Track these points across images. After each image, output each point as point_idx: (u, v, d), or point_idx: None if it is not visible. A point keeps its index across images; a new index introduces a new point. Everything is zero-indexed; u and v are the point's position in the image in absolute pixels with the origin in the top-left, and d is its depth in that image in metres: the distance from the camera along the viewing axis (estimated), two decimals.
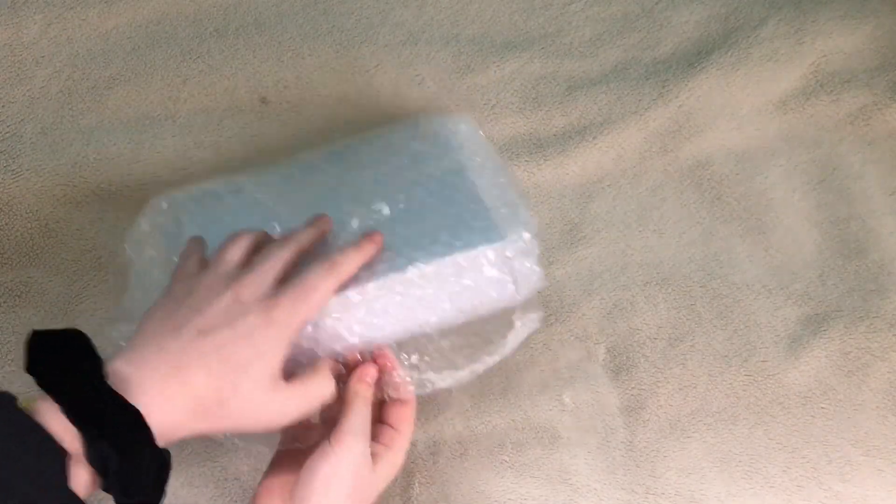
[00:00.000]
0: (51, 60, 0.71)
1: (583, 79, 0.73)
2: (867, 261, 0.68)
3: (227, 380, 0.45)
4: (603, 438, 0.63)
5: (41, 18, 0.72)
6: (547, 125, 0.71)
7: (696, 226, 0.69)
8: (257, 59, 0.72)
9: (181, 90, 0.71)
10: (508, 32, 0.74)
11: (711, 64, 0.72)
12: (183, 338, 0.46)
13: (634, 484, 0.62)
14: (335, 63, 0.72)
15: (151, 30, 0.73)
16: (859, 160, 0.71)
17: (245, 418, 0.47)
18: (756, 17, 0.74)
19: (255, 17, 0.73)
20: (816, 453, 0.63)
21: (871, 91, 0.73)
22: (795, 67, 0.73)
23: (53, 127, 0.69)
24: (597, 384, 0.64)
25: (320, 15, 0.74)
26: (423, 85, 0.72)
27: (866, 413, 0.64)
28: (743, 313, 0.66)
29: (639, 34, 0.74)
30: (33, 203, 0.67)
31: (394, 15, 0.74)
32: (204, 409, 0.45)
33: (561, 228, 0.69)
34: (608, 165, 0.71)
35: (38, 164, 0.67)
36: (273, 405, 0.48)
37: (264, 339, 0.47)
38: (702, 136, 0.71)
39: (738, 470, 0.62)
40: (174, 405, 0.44)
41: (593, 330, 0.66)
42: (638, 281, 0.67)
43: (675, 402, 0.64)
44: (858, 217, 0.70)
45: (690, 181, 0.71)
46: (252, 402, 0.46)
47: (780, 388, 0.64)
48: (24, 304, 0.65)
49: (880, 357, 0.65)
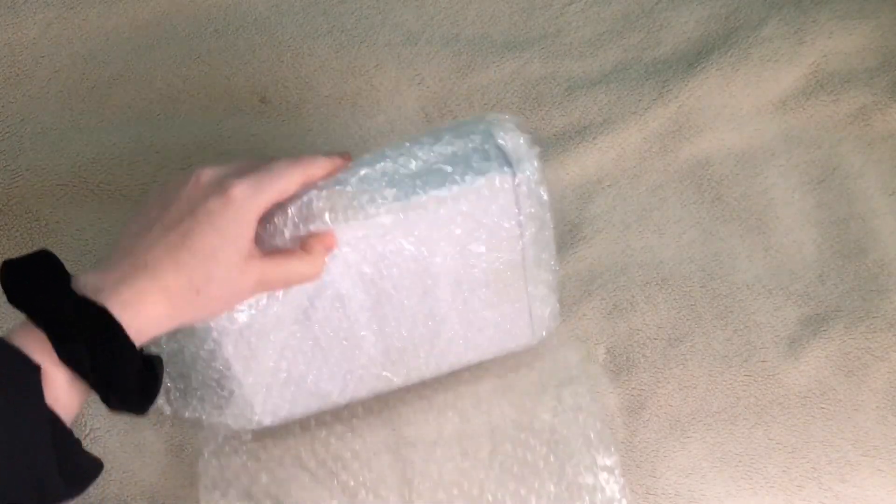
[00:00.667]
0: (51, 60, 0.71)
1: (583, 79, 0.73)
2: (867, 261, 0.68)
3: (198, 270, 0.45)
4: (603, 438, 0.63)
5: (41, 18, 0.72)
6: (547, 125, 0.71)
7: (696, 226, 0.69)
8: (257, 58, 0.72)
9: (181, 90, 0.71)
10: (508, 32, 0.74)
11: (711, 64, 0.72)
12: (151, 235, 0.45)
13: (634, 484, 0.62)
14: (335, 63, 0.72)
15: (151, 30, 0.73)
16: (859, 160, 0.71)
17: (223, 302, 0.47)
18: (756, 17, 0.74)
19: (255, 17, 0.73)
20: (816, 453, 0.63)
21: (871, 91, 0.73)
22: (795, 67, 0.73)
23: (53, 127, 0.69)
24: (597, 384, 0.64)
25: (320, 15, 0.74)
26: (423, 85, 0.72)
27: (866, 413, 0.64)
28: (743, 313, 0.66)
29: (639, 34, 0.74)
30: (33, 203, 0.67)
31: (394, 15, 0.74)
32: (180, 301, 0.45)
33: (561, 228, 0.69)
34: (608, 165, 0.71)
35: (38, 164, 0.67)
36: (247, 284, 0.47)
37: (225, 220, 0.46)
38: (702, 136, 0.71)
39: (738, 470, 0.62)
40: (147, 301, 0.43)
41: (593, 330, 0.66)
42: (638, 281, 0.67)
43: (675, 402, 0.64)
44: (858, 217, 0.70)
45: (690, 181, 0.71)
46: (227, 286, 0.46)
47: (780, 388, 0.64)
48: None
49: (880, 357, 0.65)
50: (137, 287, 0.43)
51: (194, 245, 0.45)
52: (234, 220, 0.46)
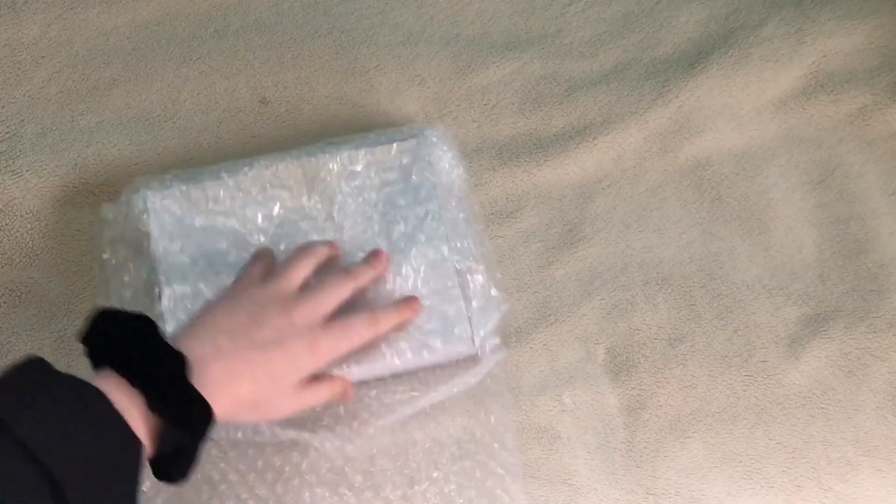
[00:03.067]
0: (51, 60, 0.71)
1: (583, 79, 0.73)
2: (867, 261, 0.68)
3: (264, 389, 0.52)
4: (603, 438, 0.63)
5: (41, 18, 0.72)
6: (547, 125, 0.71)
7: (696, 226, 0.69)
8: (257, 59, 0.72)
9: (181, 90, 0.71)
10: (508, 32, 0.74)
11: (711, 64, 0.72)
12: (238, 344, 0.52)
13: (634, 484, 0.62)
14: (335, 63, 0.72)
15: (151, 30, 0.73)
16: (859, 160, 0.71)
17: (265, 415, 0.56)
18: (756, 17, 0.74)
19: (255, 18, 0.73)
20: (816, 453, 0.63)
21: (871, 91, 0.73)
22: (795, 67, 0.73)
23: (53, 127, 0.69)
24: (597, 384, 0.64)
25: (320, 15, 0.74)
26: (423, 85, 0.72)
27: (866, 413, 0.64)
28: (743, 313, 0.66)
29: (639, 34, 0.74)
30: (33, 203, 0.67)
31: (394, 15, 0.74)
32: (241, 409, 0.52)
33: (561, 228, 0.69)
34: (608, 165, 0.71)
35: (38, 164, 0.67)
36: (289, 406, 0.55)
37: (304, 362, 0.54)
38: (702, 136, 0.71)
39: (738, 470, 0.62)
40: (222, 404, 0.49)
41: (593, 330, 0.66)
42: (638, 281, 0.67)
43: (675, 402, 0.64)
44: (858, 217, 0.70)
45: (690, 181, 0.71)
46: (275, 405, 0.54)
47: (780, 388, 0.64)
48: (24, 304, 0.65)
49: (880, 357, 0.65)
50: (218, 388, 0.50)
51: (271, 369, 0.52)
52: (310, 364, 0.55)
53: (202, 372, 0.49)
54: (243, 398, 0.51)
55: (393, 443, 0.61)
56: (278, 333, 0.53)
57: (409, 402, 0.61)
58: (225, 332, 0.52)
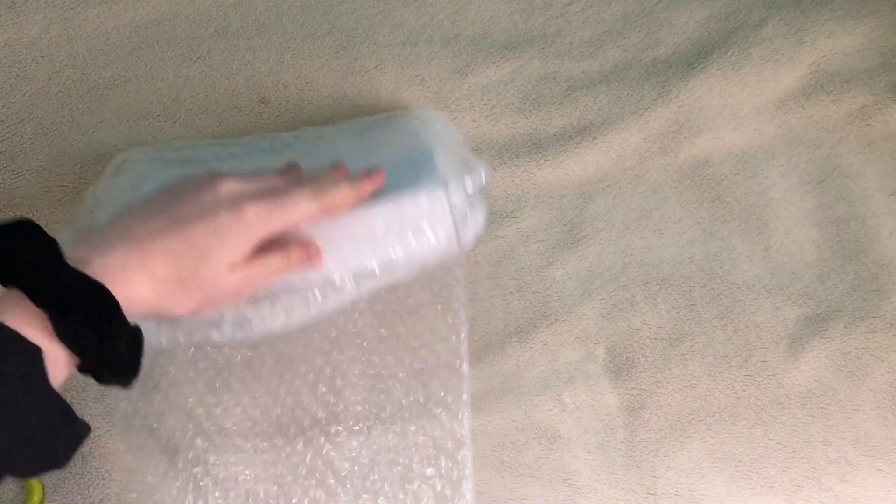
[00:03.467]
0: (51, 60, 0.71)
1: (583, 79, 0.73)
2: (867, 261, 0.68)
3: (187, 263, 0.47)
4: (603, 438, 0.63)
5: (41, 18, 0.72)
6: (547, 125, 0.71)
7: (696, 226, 0.69)
8: (257, 59, 0.72)
9: (181, 90, 0.71)
10: (508, 32, 0.74)
11: (711, 64, 0.72)
12: (153, 224, 0.47)
13: (634, 484, 0.62)
14: (335, 63, 0.72)
15: (151, 30, 0.73)
16: (859, 160, 0.71)
17: (205, 300, 0.49)
18: (756, 17, 0.74)
19: (255, 18, 0.73)
20: (816, 453, 0.63)
21: (871, 91, 0.73)
22: (795, 67, 0.73)
23: (53, 127, 0.69)
24: (597, 384, 0.64)
25: (320, 15, 0.74)
26: (424, 85, 0.72)
27: (866, 413, 0.64)
28: (743, 313, 0.66)
29: (639, 34, 0.74)
30: (33, 203, 0.67)
31: (394, 15, 0.74)
32: (163, 290, 0.46)
33: (561, 228, 0.69)
34: (608, 165, 0.71)
35: (38, 164, 0.68)
36: (230, 282, 0.49)
37: (230, 234, 0.48)
38: (702, 136, 0.71)
39: (738, 470, 0.62)
40: (135, 284, 0.45)
41: (593, 330, 0.66)
42: (638, 281, 0.67)
43: (675, 402, 0.64)
44: (858, 217, 0.70)
45: (690, 181, 0.71)
46: (211, 286, 0.48)
47: (780, 388, 0.64)
48: None
49: (880, 357, 0.65)
50: (129, 268, 0.45)
51: (191, 241, 0.47)
52: (239, 237, 0.48)
53: (105, 255, 0.44)
54: (162, 277, 0.46)
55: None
56: (200, 207, 0.48)
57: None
58: (140, 217, 0.47)
